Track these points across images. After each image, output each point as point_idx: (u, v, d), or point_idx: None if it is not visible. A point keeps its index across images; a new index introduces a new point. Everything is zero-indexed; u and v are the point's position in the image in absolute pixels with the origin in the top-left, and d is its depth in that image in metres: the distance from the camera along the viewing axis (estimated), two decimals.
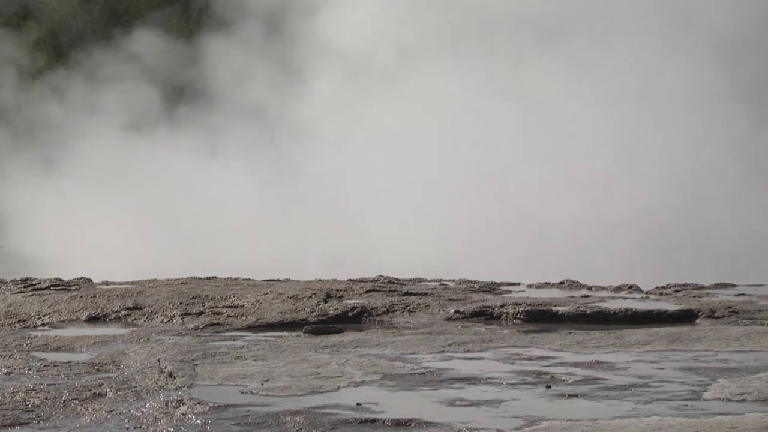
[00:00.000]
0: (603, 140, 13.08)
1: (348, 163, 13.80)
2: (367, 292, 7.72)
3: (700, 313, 7.00)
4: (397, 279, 8.46)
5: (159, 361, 5.63)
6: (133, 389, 5.08)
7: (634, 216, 12.39)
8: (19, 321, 7.21)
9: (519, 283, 8.75)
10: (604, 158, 12.95)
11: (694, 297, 7.71)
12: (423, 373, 5.33)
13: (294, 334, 6.58)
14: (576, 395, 4.85)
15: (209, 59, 17.21)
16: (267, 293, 7.63)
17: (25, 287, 8.30)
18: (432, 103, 13.76)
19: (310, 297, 7.46)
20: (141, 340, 6.38)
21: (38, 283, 8.47)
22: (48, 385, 5.21)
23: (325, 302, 7.35)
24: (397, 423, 4.38)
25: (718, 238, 12.20)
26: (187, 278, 8.71)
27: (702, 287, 8.20)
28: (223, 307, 7.36)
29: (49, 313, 7.35)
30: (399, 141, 13.61)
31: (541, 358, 5.70)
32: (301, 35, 15.42)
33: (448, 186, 13.18)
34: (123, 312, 7.35)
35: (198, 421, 4.47)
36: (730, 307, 7.08)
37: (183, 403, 4.72)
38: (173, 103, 17.42)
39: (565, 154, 13.20)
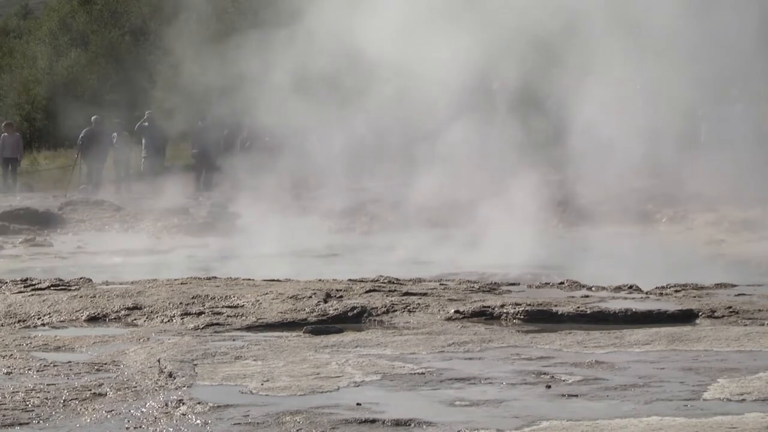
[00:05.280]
0: None
1: None
2: (367, 292, 7.72)
3: (700, 313, 7.00)
4: (397, 279, 8.46)
5: (159, 361, 5.63)
6: (133, 389, 5.08)
7: None
8: (19, 321, 7.21)
9: (519, 283, 8.75)
10: None
11: (694, 297, 7.70)
12: (423, 373, 5.32)
13: (294, 334, 6.57)
14: (576, 395, 4.85)
15: None
16: (267, 293, 7.63)
17: (24, 287, 8.30)
18: None
19: (310, 297, 7.46)
20: (141, 340, 6.38)
21: (38, 283, 8.47)
22: (48, 385, 5.21)
23: (325, 302, 7.35)
24: (397, 423, 4.37)
25: None
26: (187, 278, 8.72)
27: (702, 287, 8.20)
28: (223, 307, 7.36)
29: (49, 313, 7.35)
30: None
31: (541, 358, 5.70)
32: None
33: None
34: (123, 312, 7.35)
35: (198, 421, 4.47)
36: (730, 307, 7.07)
37: (183, 403, 4.72)
38: None
39: None
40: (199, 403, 4.70)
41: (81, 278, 8.91)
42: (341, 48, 13.89)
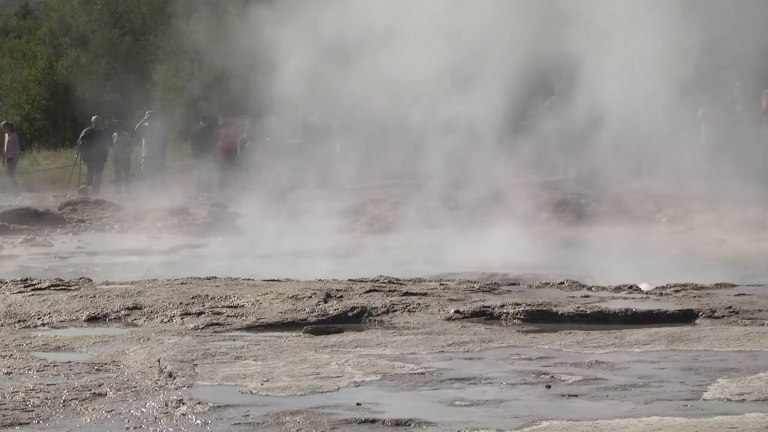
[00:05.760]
0: None
1: None
2: (367, 292, 7.71)
3: (700, 313, 6.99)
4: (397, 279, 8.46)
5: (159, 361, 5.62)
6: (133, 389, 5.07)
7: None
8: (19, 321, 7.21)
9: (519, 283, 8.75)
10: None
11: (694, 297, 7.70)
12: (423, 373, 5.32)
13: (294, 334, 6.57)
14: (576, 395, 4.85)
15: None
16: (267, 293, 7.63)
17: (25, 287, 8.30)
18: None
19: (310, 297, 7.45)
20: (141, 340, 6.38)
21: (38, 283, 8.47)
22: (48, 385, 5.21)
23: (325, 302, 7.35)
24: (397, 423, 4.37)
25: None
26: (187, 278, 8.72)
27: (702, 287, 8.19)
28: (223, 307, 7.36)
29: (49, 313, 7.35)
30: None
31: (541, 358, 5.69)
32: None
33: None
34: (123, 312, 7.35)
35: (198, 421, 4.47)
36: (730, 307, 7.07)
37: (183, 403, 4.71)
38: None
39: None
40: (199, 403, 4.70)
41: (81, 278, 8.91)
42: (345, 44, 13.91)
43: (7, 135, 28.04)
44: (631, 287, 8.13)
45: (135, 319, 7.20)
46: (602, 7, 13.05)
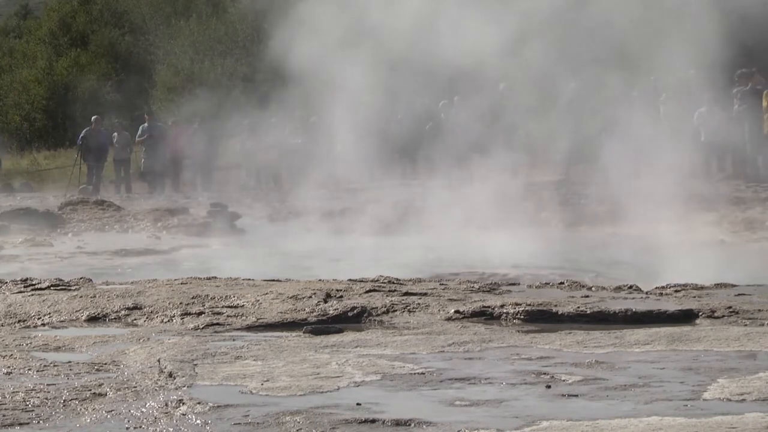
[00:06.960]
0: None
1: None
2: (367, 292, 7.71)
3: (700, 313, 6.99)
4: (397, 279, 8.45)
5: (159, 361, 5.62)
6: (133, 389, 5.07)
7: None
8: (19, 321, 7.21)
9: (519, 283, 8.75)
10: None
11: (694, 297, 7.70)
12: (423, 373, 5.32)
13: (294, 334, 6.57)
14: (576, 395, 4.85)
15: None
16: (267, 293, 7.63)
17: (25, 287, 8.30)
18: None
19: (310, 297, 7.45)
20: (141, 340, 6.38)
21: (38, 283, 8.47)
22: (48, 385, 5.21)
23: (325, 302, 7.34)
24: (397, 423, 4.37)
25: None
26: (187, 278, 8.72)
27: (702, 287, 8.19)
28: (223, 307, 7.36)
29: (49, 313, 7.35)
30: None
31: (541, 358, 5.69)
32: None
33: None
34: (123, 312, 7.35)
35: (198, 421, 4.47)
36: (730, 307, 7.06)
37: (183, 403, 4.71)
38: None
39: None
40: (199, 403, 4.70)
41: (81, 278, 8.90)
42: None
43: None
44: (631, 287, 8.13)
45: (135, 319, 7.20)
46: None
